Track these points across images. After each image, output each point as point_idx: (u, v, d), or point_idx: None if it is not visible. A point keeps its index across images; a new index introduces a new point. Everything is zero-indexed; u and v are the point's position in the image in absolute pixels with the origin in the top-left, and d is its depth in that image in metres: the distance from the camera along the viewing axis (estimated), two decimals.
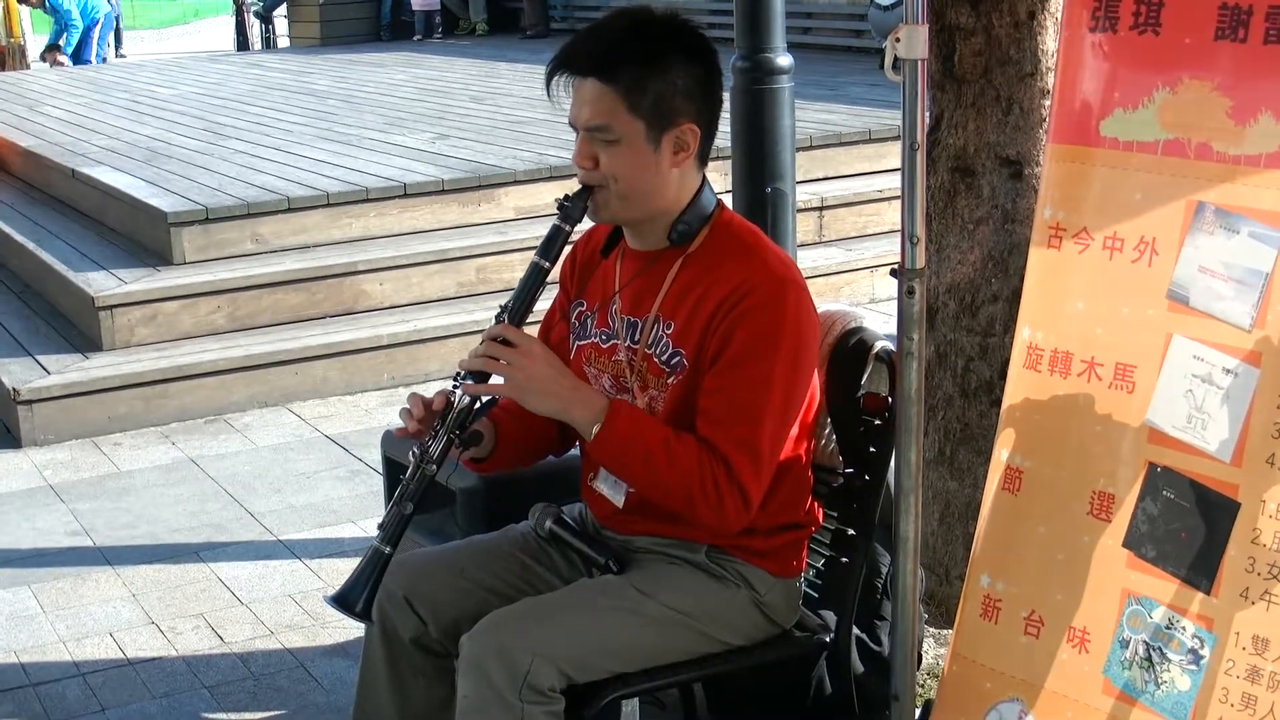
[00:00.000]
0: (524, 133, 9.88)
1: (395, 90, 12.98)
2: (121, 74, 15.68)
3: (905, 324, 2.63)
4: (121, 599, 4.94)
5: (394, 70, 14.80)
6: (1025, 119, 3.74)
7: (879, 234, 8.83)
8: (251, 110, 11.92)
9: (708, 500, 2.65)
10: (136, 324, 7.14)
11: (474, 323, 7.35)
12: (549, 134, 9.56)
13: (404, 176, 8.37)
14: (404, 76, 14.16)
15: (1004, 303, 3.77)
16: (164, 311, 7.19)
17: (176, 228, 7.59)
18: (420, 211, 8.18)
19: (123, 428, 6.72)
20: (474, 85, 13.21)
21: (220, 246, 7.69)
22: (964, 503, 3.90)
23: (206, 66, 16.41)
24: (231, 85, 14.03)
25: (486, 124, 10.51)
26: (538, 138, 9.58)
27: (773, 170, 5.74)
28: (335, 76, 14.46)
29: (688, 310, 2.74)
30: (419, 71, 14.60)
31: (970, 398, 3.86)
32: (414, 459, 2.74)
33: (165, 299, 7.20)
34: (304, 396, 7.07)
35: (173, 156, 9.45)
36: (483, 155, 8.98)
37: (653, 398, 2.79)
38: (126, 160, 9.38)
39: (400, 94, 12.67)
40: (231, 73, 15.47)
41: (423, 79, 13.85)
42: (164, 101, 12.75)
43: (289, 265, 7.54)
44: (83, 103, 12.74)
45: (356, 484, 5.94)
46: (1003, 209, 3.77)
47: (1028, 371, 2.76)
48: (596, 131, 2.71)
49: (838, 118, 9.98)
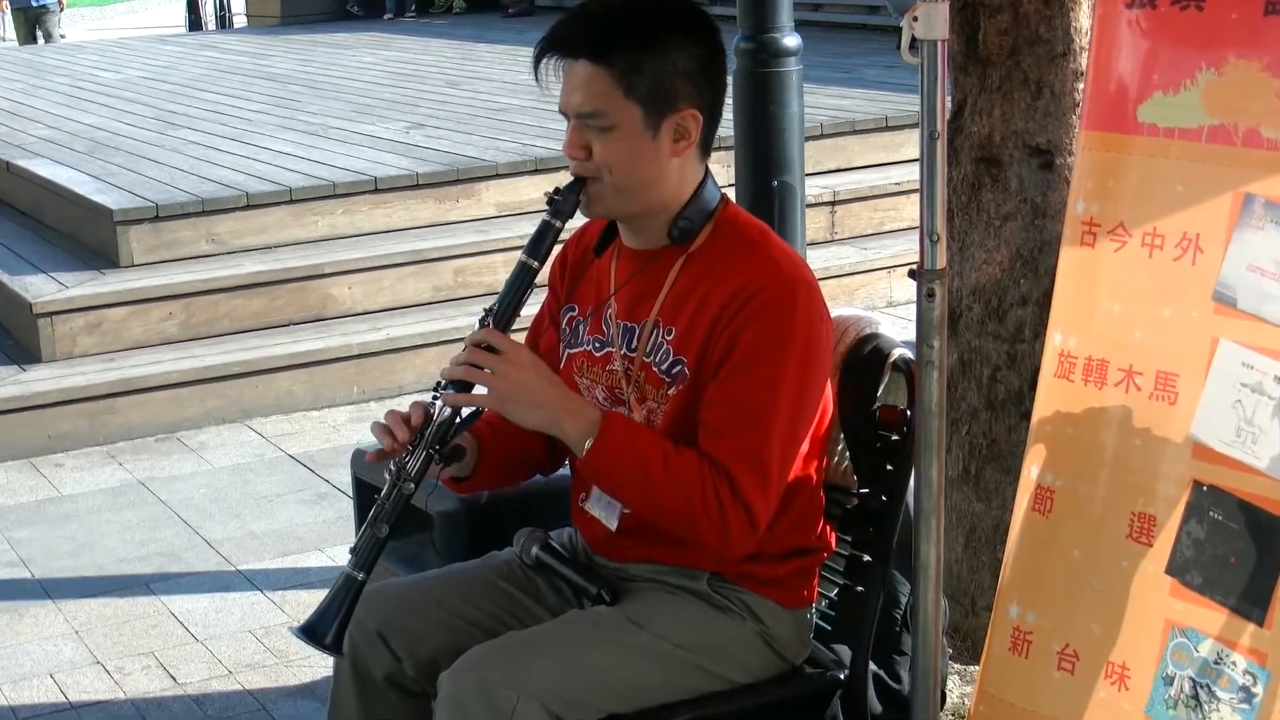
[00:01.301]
0: (506, 121, 9.89)
1: (364, 74, 12.98)
2: (61, 57, 15.69)
3: (925, 330, 2.64)
4: (63, 636, 4.94)
5: (362, 52, 14.81)
6: (1056, 104, 3.75)
7: (896, 231, 8.84)
8: (205, 97, 11.92)
9: (710, 520, 2.65)
10: (79, 333, 7.14)
11: (453, 330, 7.35)
12: (534, 123, 9.57)
13: (374, 170, 8.37)
14: (373, 59, 14.17)
15: (1033, 306, 3.78)
16: (110, 319, 7.19)
17: (124, 226, 7.58)
18: (392, 208, 8.18)
19: (64, 447, 6.72)
20: (451, 69, 13.22)
21: (172, 247, 7.69)
22: (990, 526, 3.91)
23: (155, 48, 16.43)
24: (183, 69, 14.04)
25: (465, 112, 10.51)
26: (521, 127, 9.58)
27: (779, 162, 5.74)
28: (298, 59, 14.46)
29: (689, 314, 2.75)
30: (390, 54, 14.61)
31: (997, 410, 3.87)
32: (389, 477, 2.74)
33: (111, 305, 7.20)
34: (265, 412, 7.07)
35: (119, 148, 9.45)
36: (461, 146, 8.98)
37: (651, 410, 2.80)
38: (67, 152, 9.38)
39: (370, 78, 12.67)
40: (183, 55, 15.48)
41: (394, 62, 13.86)
42: (108, 87, 12.75)
43: (248, 268, 7.54)
44: (17, 88, 12.75)
45: (323, 508, 5.94)
46: (1032, 203, 3.78)
47: (1060, 381, 2.77)
48: (589, 118, 2.71)
49: (851, 104, 9.99)
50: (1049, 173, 3.77)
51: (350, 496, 4.17)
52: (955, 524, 3.95)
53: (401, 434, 2.74)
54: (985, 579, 3.92)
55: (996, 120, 3.79)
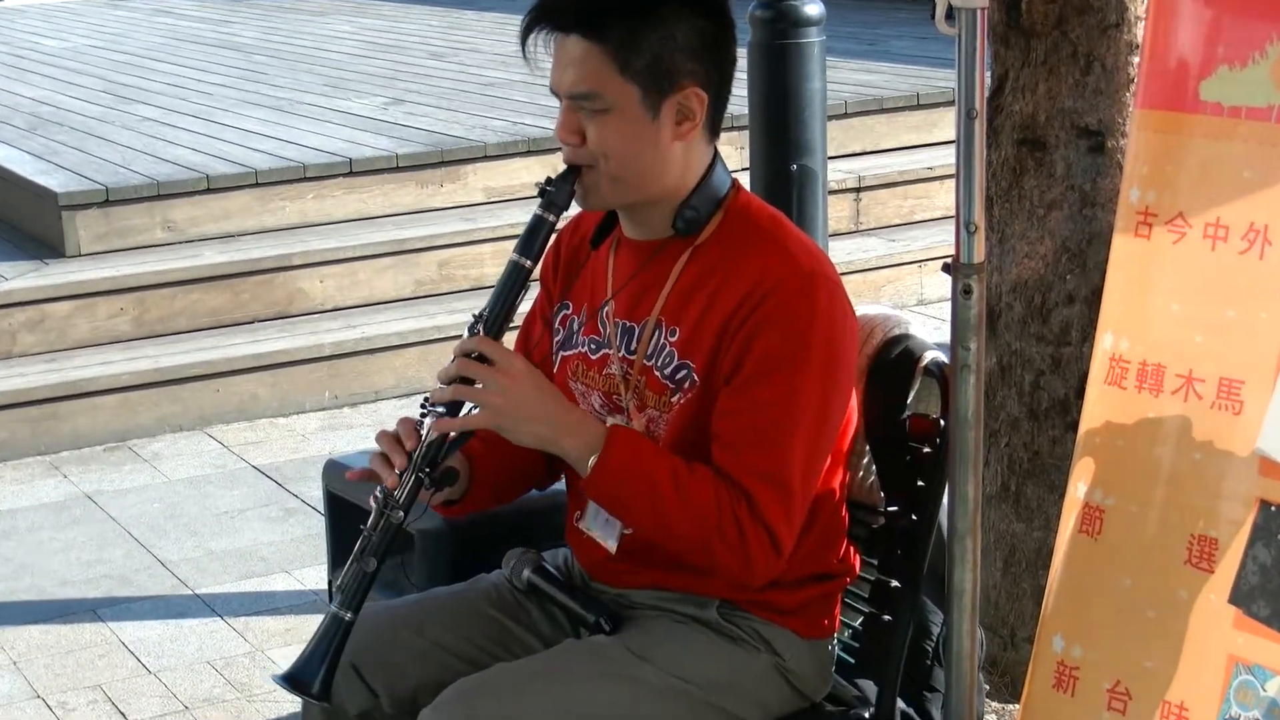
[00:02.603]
0: (496, 97, 9.89)
1: (338, 44, 13.00)
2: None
3: (960, 331, 2.64)
4: (0, 667, 4.94)
5: (336, 19, 14.82)
6: (1108, 80, 3.75)
7: (929, 221, 8.84)
8: (161, 68, 11.93)
9: (729, 546, 2.65)
10: (19, 330, 7.14)
11: (435, 328, 7.36)
12: (526, 98, 9.57)
13: (349, 150, 8.37)
14: (349, 27, 14.19)
15: (1081, 304, 3.78)
16: (54, 315, 7.19)
17: (70, 212, 7.59)
18: (369, 193, 8.18)
19: (2, 457, 6.72)
20: (434, 38, 13.23)
21: (124, 235, 7.69)
22: (1033, 549, 3.91)
23: (104, 13, 16.44)
24: (136, 37, 14.05)
25: (450, 86, 10.52)
26: (513, 103, 9.59)
27: (799, 144, 5.75)
28: (264, 27, 14.48)
29: (696, 313, 2.75)
30: (367, 21, 14.62)
31: (1040, 420, 3.87)
32: (376, 505, 2.74)
33: (56, 299, 7.20)
34: (227, 418, 7.07)
35: (64, 125, 9.46)
36: (446, 125, 8.99)
37: (652, 419, 2.80)
38: (6, 129, 9.39)
39: (344, 49, 12.68)
40: (136, 21, 15.50)
41: (372, 30, 13.87)
42: (52, 57, 12.77)
43: (208, 258, 7.54)
44: None
45: (291, 525, 5.94)
46: (1080, 190, 3.78)
47: (1110, 388, 2.77)
48: (583, 99, 2.71)
49: (879, 79, 9.99)
50: (1099, 156, 3.77)
51: (321, 513, 4.17)
52: (993, 546, 3.95)
53: (399, 461, 2.74)
54: (1026, 607, 3.92)
55: (1041, 98, 3.79)
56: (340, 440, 6.76)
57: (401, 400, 7.16)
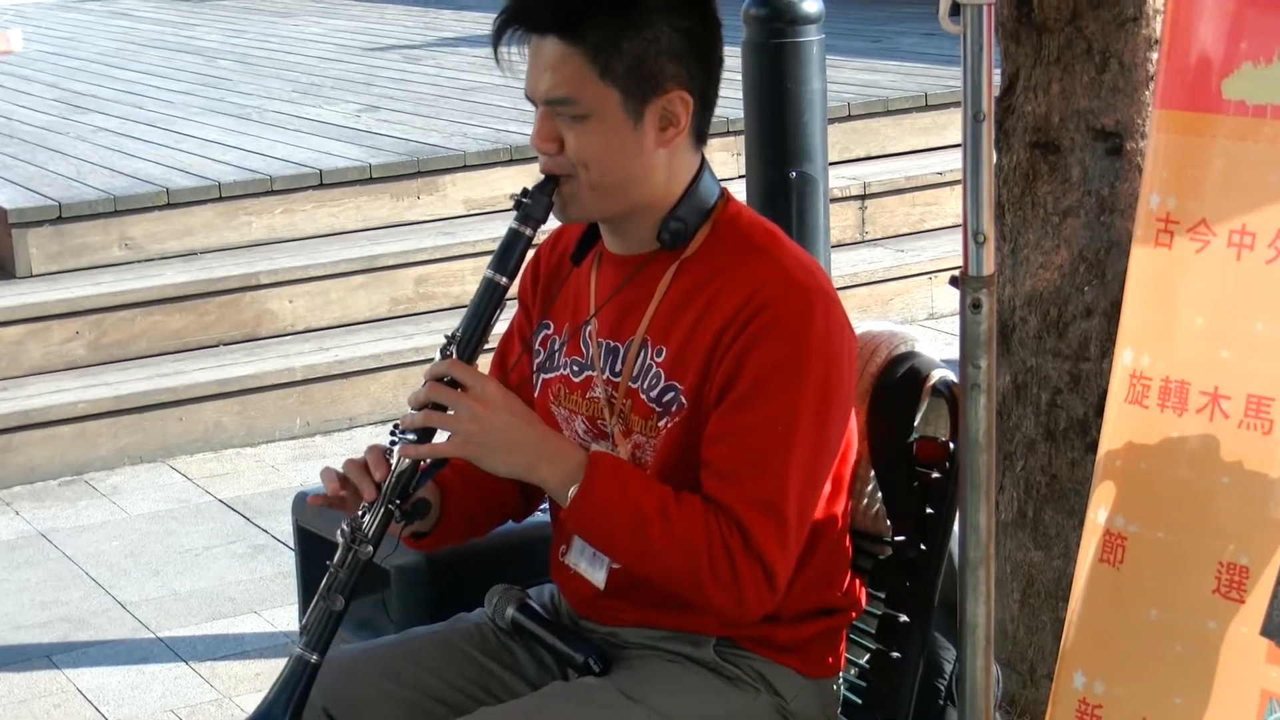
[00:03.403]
0: (476, 102, 9.90)
1: (307, 47, 13.00)
2: None
3: (970, 347, 2.64)
4: None
5: (305, 21, 14.83)
6: (1126, 78, 3.75)
7: (937, 229, 8.85)
8: (118, 75, 11.93)
9: (720, 580, 2.65)
10: None
11: (412, 350, 7.35)
12: (508, 103, 9.58)
13: (319, 161, 8.37)
14: (319, 30, 14.20)
15: (1100, 318, 3.78)
16: (4, 339, 7.18)
17: (20, 230, 7.58)
18: (341, 206, 8.18)
19: None
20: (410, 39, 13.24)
21: (79, 254, 7.69)
22: (1051, 579, 3.91)
23: (56, 16, 16.44)
24: (90, 41, 14.06)
25: (427, 91, 10.52)
26: (494, 109, 9.60)
27: (798, 149, 5.75)
28: (228, 29, 14.48)
29: (684, 332, 2.75)
30: (338, 23, 14.64)
31: (1057, 441, 3.87)
32: (343, 539, 2.74)
33: (6, 323, 7.19)
34: (190, 449, 7.07)
35: (13, 136, 9.46)
36: (422, 133, 8.99)
37: (639, 445, 2.80)
38: None
39: (314, 52, 12.69)
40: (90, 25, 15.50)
41: (343, 33, 13.88)
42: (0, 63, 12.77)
43: (169, 278, 7.54)
44: None
45: (261, 563, 5.93)
46: (1097, 195, 3.78)
47: (1131, 407, 2.77)
48: (560, 105, 2.71)
49: (884, 78, 10.01)
50: (1117, 159, 3.77)
51: (292, 549, 4.16)
52: (1009, 577, 3.95)
53: (369, 492, 2.73)
54: (1045, 642, 3.92)
55: (1055, 98, 3.79)
56: (312, 471, 6.75)
57: (377, 427, 7.16)
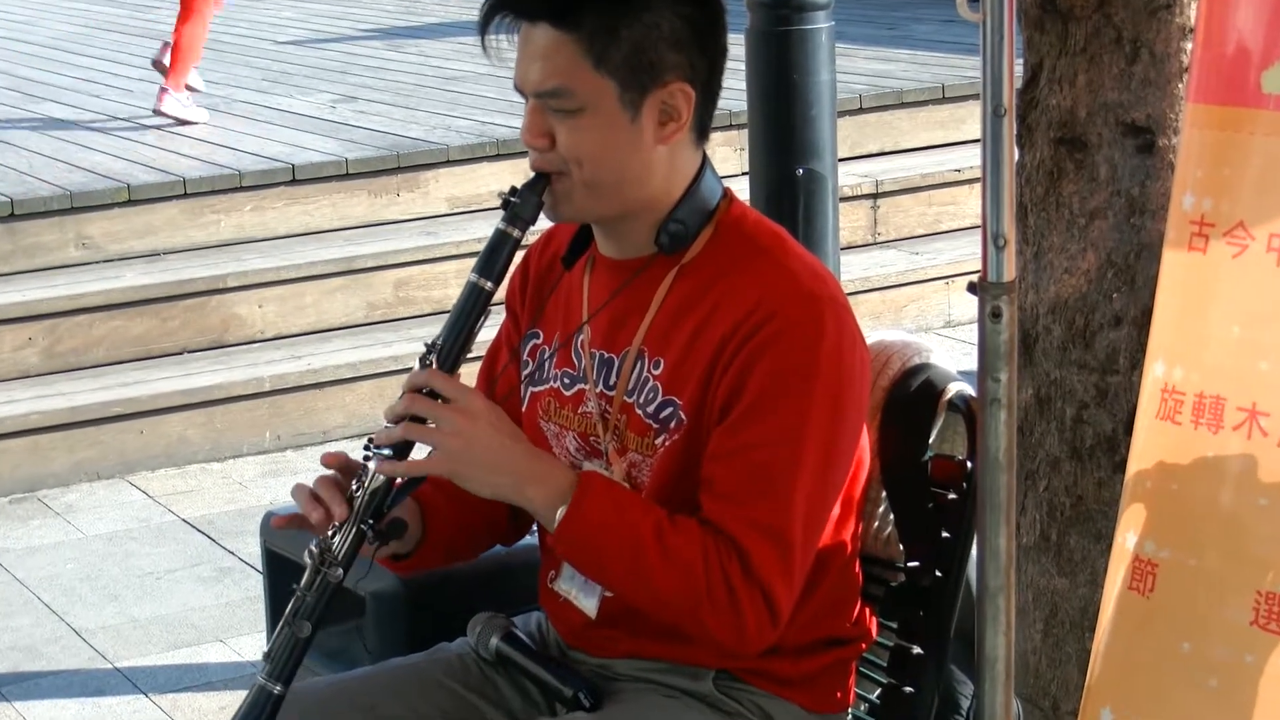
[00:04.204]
0: (460, 92, 9.91)
1: (278, 33, 13.01)
2: None
3: (989, 359, 2.64)
4: None
5: (276, 4, 14.84)
6: (1158, 69, 3.75)
7: (955, 231, 8.86)
8: (74, 61, 11.93)
9: (718, 609, 2.65)
10: None
11: (391, 359, 7.36)
12: (495, 94, 9.59)
13: (292, 155, 8.37)
14: (292, 14, 14.21)
15: (1129, 327, 3.78)
16: None
17: None
18: (315, 204, 8.19)
19: None
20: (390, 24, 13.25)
21: (32, 254, 7.69)
22: (1077, 608, 3.91)
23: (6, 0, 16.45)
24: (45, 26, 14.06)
25: (408, 81, 10.53)
26: (480, 100, 9.60)
27: (805, 144, 5.76)
28: None
29: (683, 342, 2.75)
30: (312, 6, 14.65)
31: (1084, 460, 3.87)
32: (311, 560, 2.73)
33: None
34: (152, 464, 7.06)
35: None
36: (403, 125, 9.00)
37: (634, 464, 2.80)
38: None
39: (286, 37, 12.70)
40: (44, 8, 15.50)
41: (317, 16, 13.89)
42: None
43: (130, 280, 7.54)
44: None
45: (227, 587, 5.93)
46: (1127, 196, 3.78)
47: (1163, 424, 2.77)
48: (551, 97, 2.71)
49: (897, 68, 10.02)
50: (1148, 157, 3.77)
51: (260, 572, 4.16)
52: (1031, 605, 3.95)
53: (340, 511, 2.73)
54: (1070, 675, 3.91)
55: (1081, 90, 3.79)
56: (283, 488, 6.74)
57: (353, 441, 7.15)
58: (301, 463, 7.06)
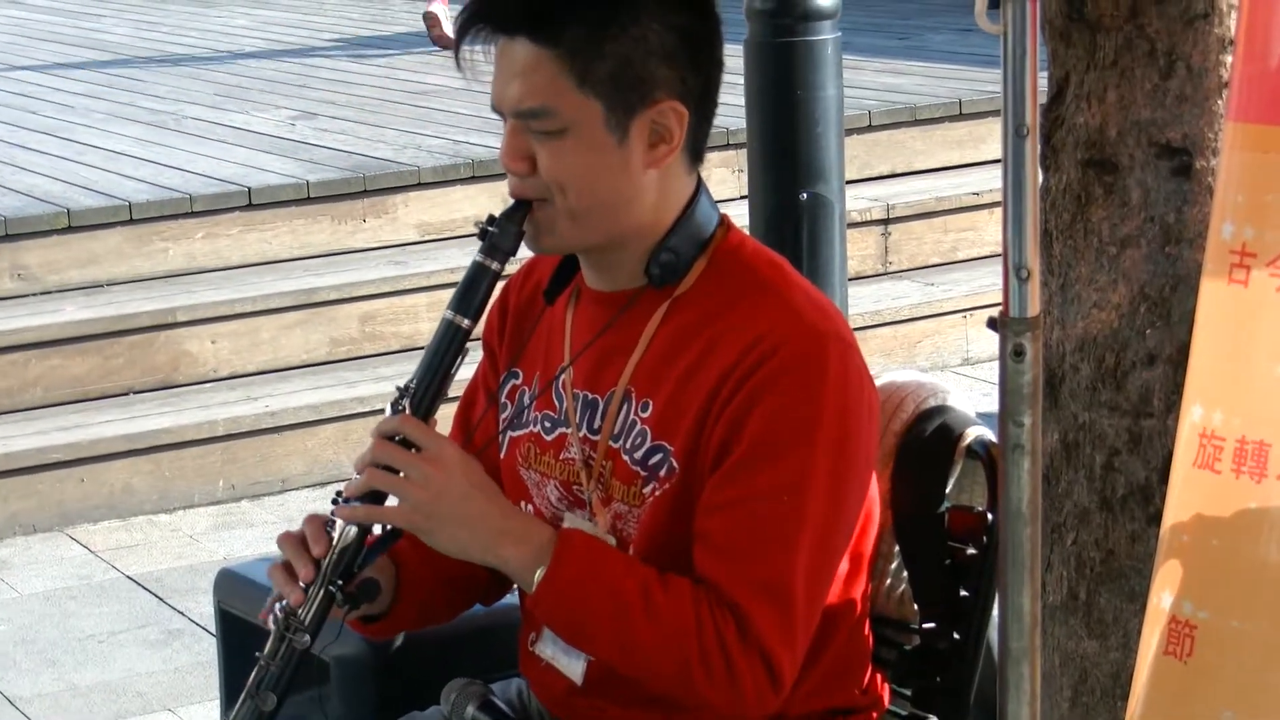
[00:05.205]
0: (431, 109, 9.91)
1: (233, 42, 13.02)
2: None
3: (1011, 401, 2.64)
4: None
5: (231, 12, 14.84)
6: (1195, 84, 3.77)
7: (974, 260, 8.86)
8: (8, 75, 11.93)
9: (714, 676, 2.64)
10: None
11: (356, 400, 7.35)
12: (470, 110, 9.58)
13: (247, 177, 8.37)
14: (247, 21, 14.21)
15: (1164, 366, 3.79)
16: None
17: None
18: (273, 230, 8.18)
19: None
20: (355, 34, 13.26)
21: None
22: (1108, 673, 3.91)
23: None
24: None
25: (375, 96, 10.53)
26: (453, 117, 9.60)
27: (810, 166, 5.77)
28: (139, 22, 14.49)
29: (675, 382, 2.75)
30: (269, 14, 14.65)
31: (1115, 512, 3.87)
32: (275, 625, 2.73)
33: None
34: (94, 516, 7.05)
35: None
36: (369, 144, 9.00)
37: (620, 516, 2.80)
38: None
39: (241, 48, 12.70)
40: None
41: (276, 25, 13.90)
42: None
43: (70, 314, 7.53)
44: None
45: (176, 651, 5.92)
46: (1161, 223, 3.79)
47: (1201, 472, 2.77)
48: (532, 118, 2.72)
49: (911, 82, 10.03)
50: (1185, 181, 3.78)
51: (213, 634, 4.16)
52: (1058, 671, 3.95)
53: (305, 571, 2.73)
54: None
55: (1111, 107, 3.80)
56: (237, 542, 6.74)
57: (315, 491, 7.16)
58: (257, 514, 7.05)
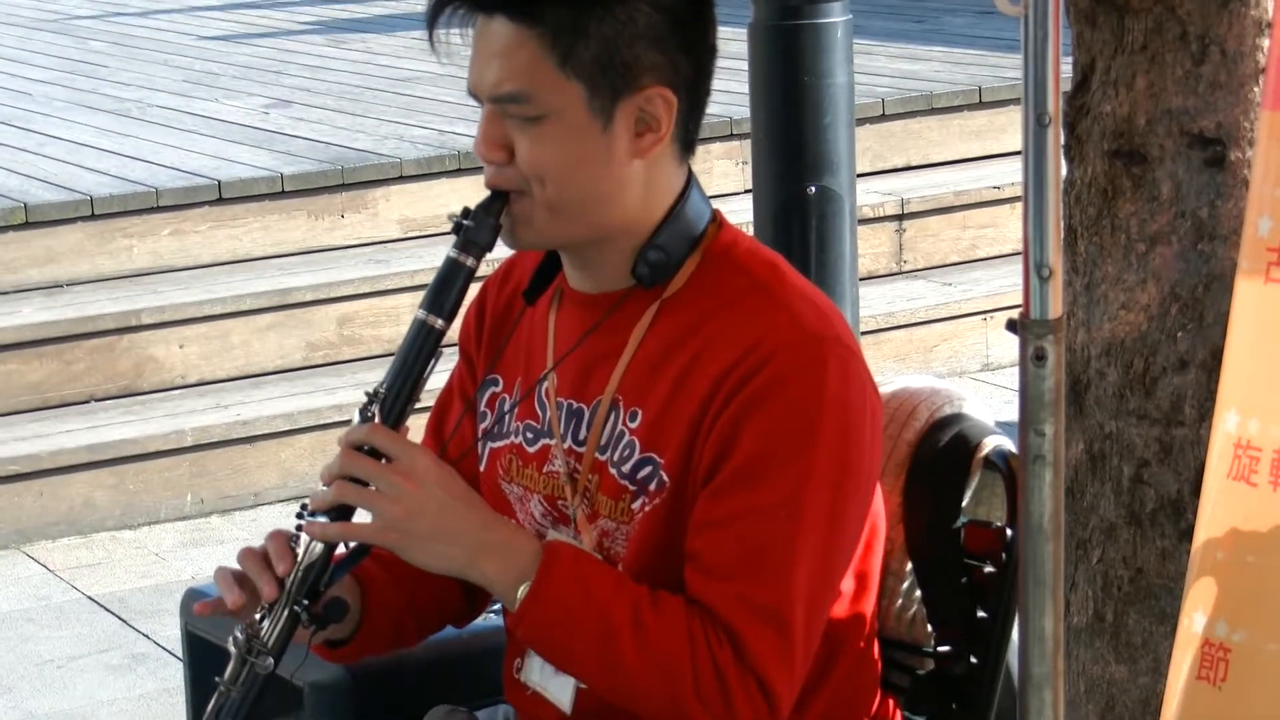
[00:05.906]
0: (413, 96, 9.93)
1: (203, 27, 13.03)
2: None
3: (1032, 409, 2.64)
4: None
5: None
6: (1229, 71, 3.77)
7: (993, 259, 8.87)
8: None
9: (707, 703, 2.64)
10: None
11: (333, 408, 7.36)
12: (455, 98, 9.59)
13: (217, 170, 8.38)
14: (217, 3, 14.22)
15: (1197, 371, 3.79)
16: None
17: None
18: (245, 227, 8.19)
19: None
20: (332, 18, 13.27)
21: None
22: (1137, 699, 3.91)
23: None
24: None
25: (353, 83, 10.55)
26: (436, 105, 9.62)
27: (818, 157, 5.77)
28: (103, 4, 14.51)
29: (665, 390, 2.75)
30: None
31: (1144, 527, 3.87)
32: (236, 647, 2.73)
33: None
34: (53, 532, 7.05)
35: None
36: (348, 135, 9.01)
37: (607, 533, 2.80)
38: None
39: (211, 32, 12.72)
40: None
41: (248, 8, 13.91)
42: None
43: (27, 316, 7.54)
44: None
45: (140, 677, 5.92)
46: (1194, 218, 3.79)
47: (1236, 484, 2.77)
48: (510, 103, 2.72)
49: (927, 69, 10.05)
50: (1218, 173, 3.78)
51: (180, 659, 4.16)
52: (1084, 697, 3.95)
53: (269, 590, 2.72)
54: None
55: (1140, 95, 3.80)
56: (206, 560, 6.74)
57: (289, 505, 7.15)
58: (228, 530, 7.05)
